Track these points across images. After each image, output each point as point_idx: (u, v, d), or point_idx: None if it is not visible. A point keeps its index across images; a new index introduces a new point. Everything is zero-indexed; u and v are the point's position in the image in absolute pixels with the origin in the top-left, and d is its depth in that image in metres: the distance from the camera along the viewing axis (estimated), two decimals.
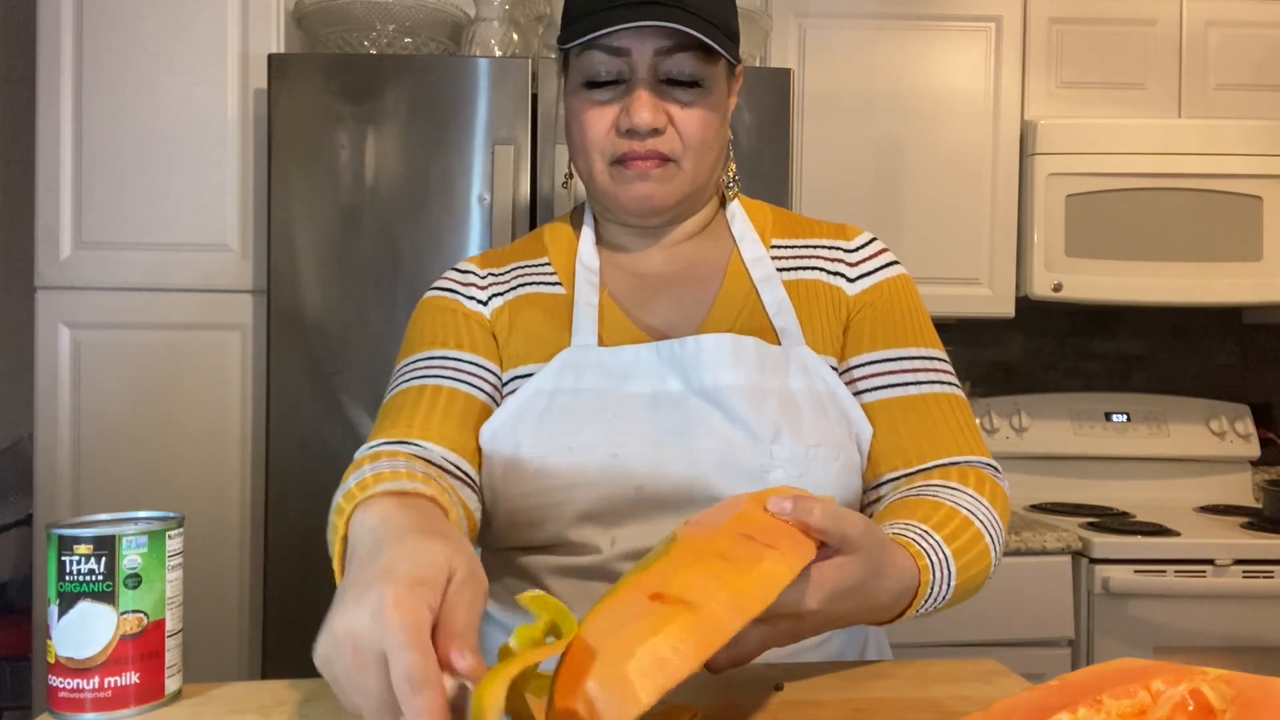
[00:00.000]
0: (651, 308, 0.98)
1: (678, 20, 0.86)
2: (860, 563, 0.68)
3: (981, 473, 0.91)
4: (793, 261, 1.00)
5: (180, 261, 1.94)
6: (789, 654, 0.88)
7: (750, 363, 0.91)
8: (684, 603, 0.56)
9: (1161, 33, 2.33)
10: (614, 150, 0.92)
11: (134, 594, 0.71)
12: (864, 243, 1.01)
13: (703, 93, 0.92)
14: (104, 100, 1.92)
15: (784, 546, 0.63)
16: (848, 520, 0.67)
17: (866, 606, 0.72)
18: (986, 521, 0.86)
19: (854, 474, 0.92)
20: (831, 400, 0.92)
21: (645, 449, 0.88)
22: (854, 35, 2.27)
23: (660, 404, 0.90)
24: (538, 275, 1.01)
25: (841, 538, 0.67)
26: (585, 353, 0.93)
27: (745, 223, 1.02)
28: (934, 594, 0.78)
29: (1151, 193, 2.25)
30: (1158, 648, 2.00)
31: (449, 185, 1.83)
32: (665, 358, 0.92)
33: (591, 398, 0.91)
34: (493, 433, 0.93)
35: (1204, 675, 0.55)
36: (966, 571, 0.82)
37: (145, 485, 1.93)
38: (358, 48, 1.94)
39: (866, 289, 0.98)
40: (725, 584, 0.58)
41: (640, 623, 0.55)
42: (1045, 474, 2.52)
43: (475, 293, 1.00)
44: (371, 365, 1.82)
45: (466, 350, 0.95)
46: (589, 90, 0.92)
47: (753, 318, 0.96)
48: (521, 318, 0.98)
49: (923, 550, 0.78)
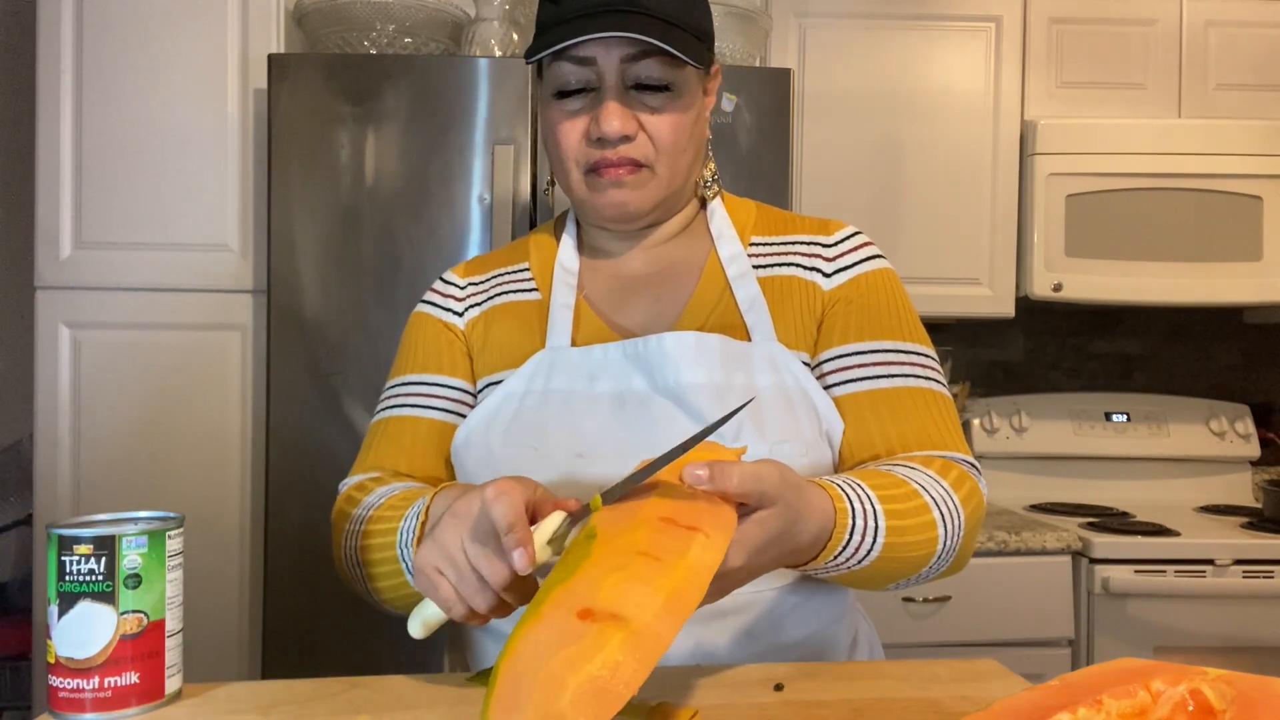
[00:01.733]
0: (627, 309, 0.98)
1: (638, 29, 0.86)
2: (779, 513, 0.69)
3: (950, 462, 0.90)
4: (770, 258, 0.99)
5: (180, 261, 1.94)
6: (771, 651, 0.88)
7: (714, 360, 0.91)
8: (615, 618, 0.53)
9: (1161, 33, 2.33)
10: (587, 159, 0.93)
11: (134, 594, 0.71)
12: (844, 237, 1.00)
13: (673, 96, 0.92)
14: (104, 100, 1.92)
15: (706, 525, 0.62)
16: (763, 475, 0.67)
17: (787, 551, 0.73)
18: (939, 500, 0.84)
19: (824, 471, 0.92)
20: (801, 396, 0.92)
21: (609, 448, 0.88)
22: (854, 35, 2.27)
23: (626, 403, 0.91)
24: (516, 283, 1.03)
25: (760, 495, 0.68)
26: (557, 353, 0.95)
27: (724, 221, 1.01)
28: (853, 541, 0.77)
29: (1151, 193, 2.25)
30: (1158, 648, 2.00)
31: (449, 185, 1.83)
32: (631, 356, 0.92)
33: (559, 399, 0.92)
34: (467, 436, 0.95)
35: (1204, 675, 0.55)
36: (899, 535, 0.80)
37: (145, 485, 1.93)
38: (358, 48, 1.94)
39: (843, 283, 0.97)
40: (656, 589, 0.55)
41: (571, 648, 0.51)
42: (1045, 474, 2.52)
43: (453, 304, 1.03)
44: (371, 365, 1.82)
45: (444, 374, 1.01)
46: (560, 100, 0.93)
47: (725, 315, 0.96)
48: (496, 327, 1.00)
49: (843, 494, 0.78)
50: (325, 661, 1.79)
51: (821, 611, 0.93)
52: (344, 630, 1.79)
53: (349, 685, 0.78)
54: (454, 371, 1.01)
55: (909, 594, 1.94)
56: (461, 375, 1.01)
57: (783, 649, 0.89)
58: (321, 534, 1.79)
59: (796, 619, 0.90)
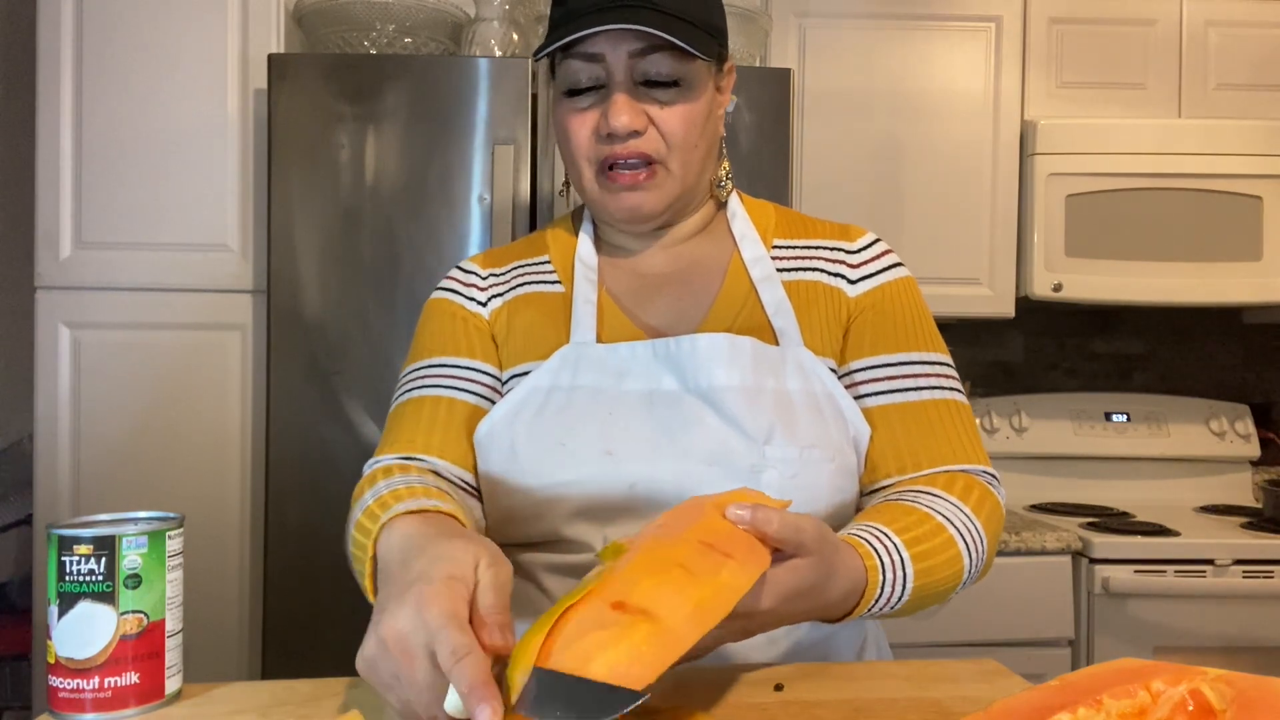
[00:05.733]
0: (650, 307, 0.98)
1: (646, 21, 0.87)
2: (812, 565, 0.71)
3: (972, 479, 0.91)
4: (794, 262, 0.99)
5: (180, 261, 1.93)
6: (784, 654, 0.89)
7: (746, 362, 0.91)
8: (645, 613, 0.57)
9: (1161, 33, 2.33)
10: (598, 156, 0.93)
11: (134, 594, 0.71)
12: (867, 244, 1.00)
13: (682, 91, 0.92)
14: (104, 100, 1.92)
15: (741, 555, 0.65)
16: (803, 528, 0.69)
17: (817, 606, 0.74)
18: (963, 529, 0.86)
19: (849, 477, 0.92)
20: (829, 402, 0.92)
21: (639, 447, 0.88)
22: (854, 35, 2.27)
23: (655, 402, 0.90)
24: (538, 274, 1.02)
25: (797, 545, 0.69)
26: (583, 349, 0.94)
27: (746, 222, 1.01)
28: (885, 594, 0.79)
29: (1151, 193, 2.25)
30: (1158, 648, 2.00)
31: (449, 185, 1.83)
32: (661, 356, 0.92)
33: (587, 395, 0.91)
34: (490, 428, 0.93)
35: (1204, 675, 0.55)
36: (927, 576, 0.82)
37: (145, 485, 1.93)
38: (358, 48, 1.94)
39: (867, 291, 0.98)
40: (687, 597, 0.59)
41: (601, 632, 0.56)
42: (1045, 474, 2.52)
43: (475, 293, 1.01)
44: (371, 365, 1.82)
45: (465, 356, 0.98)
46: (570, 98, 0.93)
47: (751, 318, 0.96)
48: (520, 317, 0.99)
49: (873, 550, 0.79)
50: (325, 661, 1.79)
51: None
52: (344, 630, 1.79)
53: (349, 685, 0.78)
54: (482, 356, 0.98)
55: None
56: (489, 360, 0.98)
57: (790, 653, 0.89)
58: (322, 533, 1.79)
59: (805, 623, 0.90)
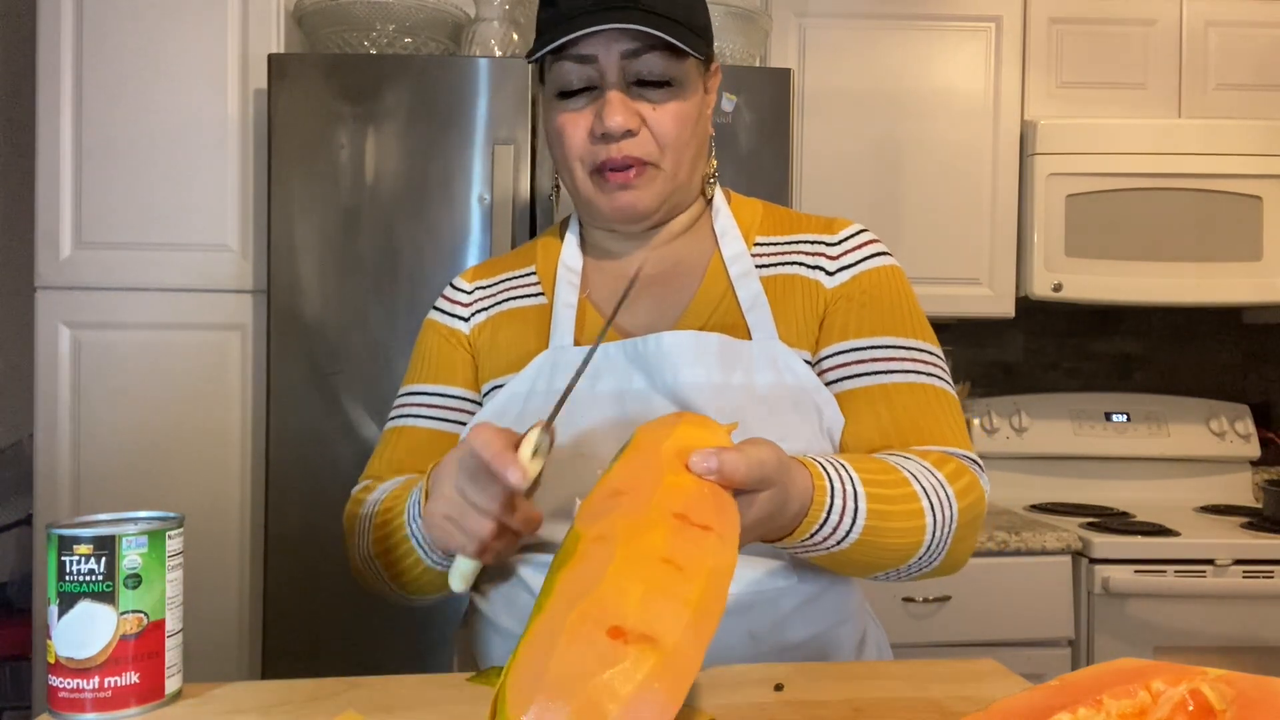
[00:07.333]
0: (632, 308, 0.98)
1: (637, 21, 0.87)
2: (772, 495, 0.72)
3: (947, 456, 0.89)
4: (774, 258, 0.99)
5: (180, 261, 1.93)
6: (779, 652, 0.88)
7: (712, 359, 0.91)
8: (648, 639, 0.54)
9: (1161, 33, 2.33)
10: (592, 157, 0.93)
11: (134, 594, 0.71)
12: (849, 235, 0.99)
13: (674, 91, 0.92)
14: (104, 100, 1.92)
15: (716, 523, 0.63)
16: (765, 461, 0.69)
17: (773, 527, 0.75)
18: (930, 489, 0.84)
19: None
20: (802, 394, 0.92)
21: (610, 448, 0.89)
22: (854, 35, 2.27)
23: (626, 402, 0.91)
24: (522, 288, 1.04)
25: (760, 480, 0.69)
26: (560, 353, 0.96)
27: (728, 219, 1.01)
28: (831, 519, 0.78)
29: (1151, 193, 2.25)
30: (1158, 648, 2.00)
31: (449, 185, 1.83)
32: (631, 356, 0.93)
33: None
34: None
35: (1204, 675, 0.55)
36: (884, 519, 0.80)
37: (145, 485, 1.93)
38: (358, 48, 1.94)
39: (846, 281, 0.97)
40: (683, 602, 0.57)
41: (608, 672, 0.52)
42: (1045, 474, 2.52)
43: (459, 310, 1.05)
44: (371, 365, 1.82)
45: (447, 384, 1.03)
46: (563, 100, 0.94)
47: (726, 315, 0.96)
48: (501, 333, 1.02)
49: (824, 473, 0.78)
50: (325, 661, 1.79)
51: (826, 612, 0.92)
52: (344, 630, 1.79)
53: (349, 685, 0.78)
54: (456, 380, 1.03)
55: (909, 594, 1.94)
56: (464, 384, 1.03)
57: (786, 650, 0.89)
58: (322, 534, 1.78)
59: (800, 620, 0.90)
